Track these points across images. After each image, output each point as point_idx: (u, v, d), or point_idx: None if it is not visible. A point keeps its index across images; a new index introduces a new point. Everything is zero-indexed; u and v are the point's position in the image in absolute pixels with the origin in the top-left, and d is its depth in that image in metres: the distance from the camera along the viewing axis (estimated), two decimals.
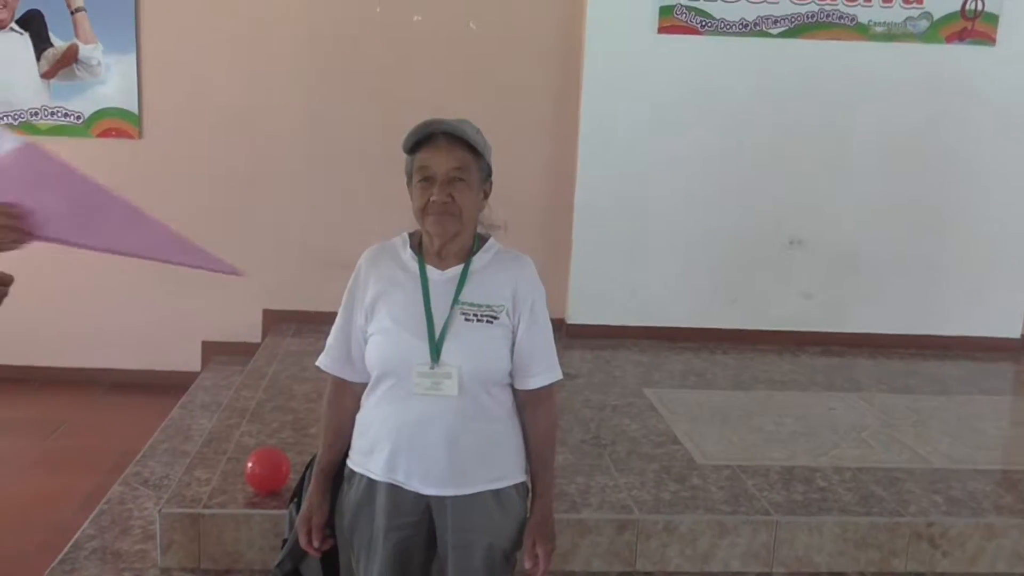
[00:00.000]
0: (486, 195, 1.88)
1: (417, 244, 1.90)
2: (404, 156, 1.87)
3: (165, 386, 4.94)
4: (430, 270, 1.86)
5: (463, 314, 1.82)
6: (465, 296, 1.83)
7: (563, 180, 5.13)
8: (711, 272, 5.23)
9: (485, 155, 1.84)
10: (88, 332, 5.17)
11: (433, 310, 1.81)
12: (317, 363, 1.96)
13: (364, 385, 1.90)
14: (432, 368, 1.79)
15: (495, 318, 1.83)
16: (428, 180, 1.79)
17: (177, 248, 1.62)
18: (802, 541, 2.99)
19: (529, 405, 1.92)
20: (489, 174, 1.87)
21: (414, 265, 1.86)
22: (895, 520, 3.03)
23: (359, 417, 1.94)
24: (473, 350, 1.81)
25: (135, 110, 4.99)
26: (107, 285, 5.14)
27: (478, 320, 1.82)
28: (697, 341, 5.19)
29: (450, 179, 1.78)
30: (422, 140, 1.81)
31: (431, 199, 1.78)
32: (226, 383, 4.61)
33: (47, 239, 1.47)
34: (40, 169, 1.42)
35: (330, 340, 1.94)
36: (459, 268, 1.86)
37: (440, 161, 1.78)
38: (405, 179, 1.87)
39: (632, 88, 5.02)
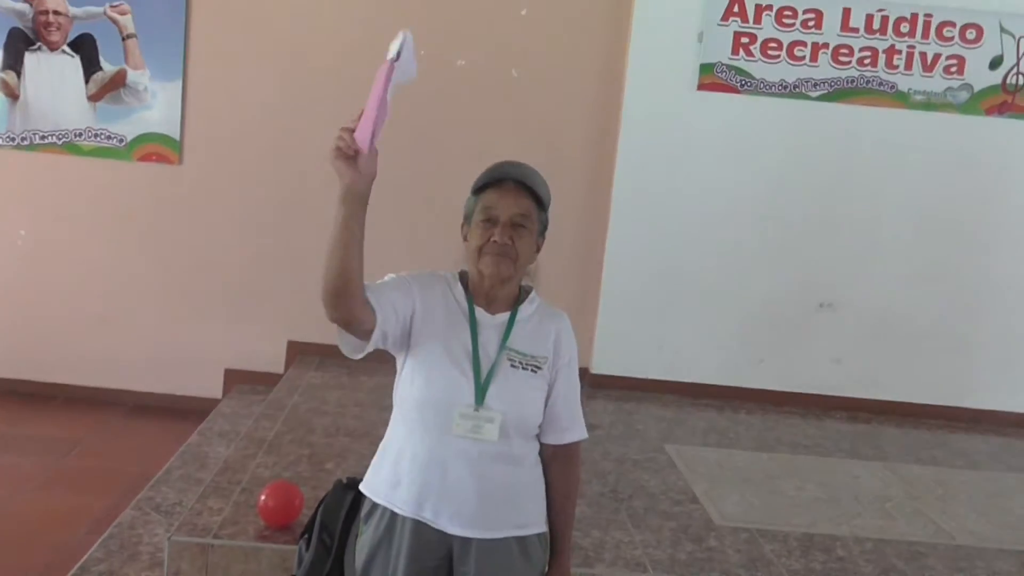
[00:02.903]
0: (538, 249, 1.90)
1: (466, 285, 1.90)
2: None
3: (185, 411, 4.95)
4: (479, 312, 1.86)
5: (509, 360, 1.83)
6: (512, 343, 1.85)
7: (595, 228, 5.13)
8: (739, 330, 5.19)
9: (547, 209, 1.87)
10: (114, 353, 5.20)
11: (480, 352, 1.82)
12: None
13: (370, 318, 1.75)
14: (476, 411, 1.78)
15: (539, 368, 1.85)
16: (490, 221, 1.81)
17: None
18: None
19: (557, 459, 1.92)
20: (544, 229, 1.89)
21: (465, 304, 1.87)
22: None
23: (386, 444, 1.91)
24: (516, 397, 1.82)
25: (177, 136, 5.08)
26: (135, 308, 5.19)
27: (523, 368, 1.84)
28: (722, 399, 5.12)
29: (513, 224, 1.81)
30: (490, 182, 1.83)
31: (492, 239, 1.80)
32: (246, 412, 4.60)
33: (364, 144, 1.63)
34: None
35: (376, 287, 1.81)
36: (507, 315, 1.87)
37: (507, 205, 1.81)
38: (462, 218, 1.89)
39: (669, 143, 5.04)
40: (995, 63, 5.03)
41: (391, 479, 1.86)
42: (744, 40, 4.96)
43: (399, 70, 1.68)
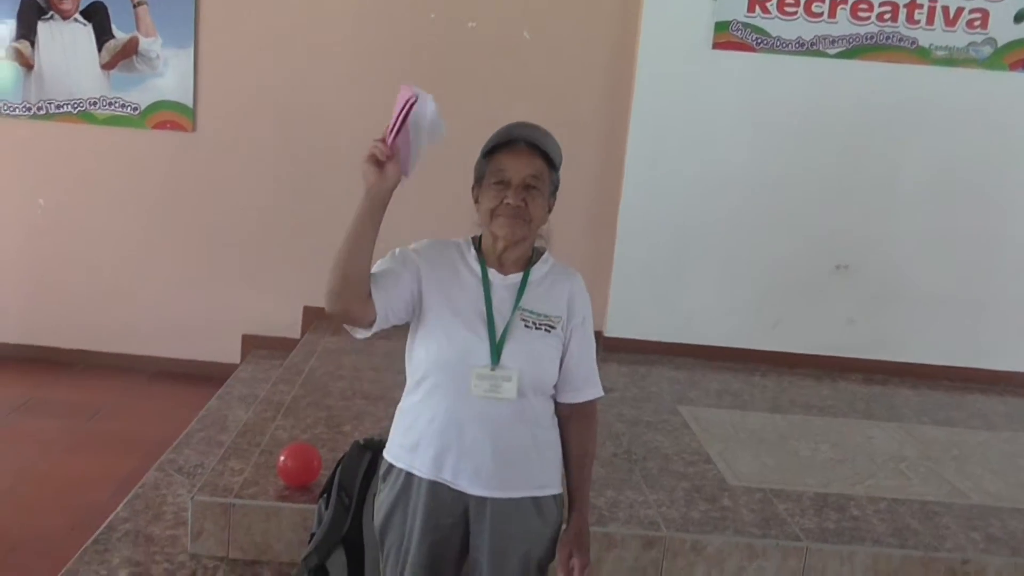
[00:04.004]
0: (550, 209, 1.90)
1: (479, 248, 1.91)
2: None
3: (204, 376, 5.02)
4: (492, 273, 1.88)
5: (523, 320, 1.84)
6: (525, 303, 1.86)
7: (609, 191, 5.11)
8: (754, 292, 5.17)
9: (558, 170, 1.87)
10: (134, 320, 5.27)
11: (494, 313, 1.83)
12: None
13: (371, 313, 1.78)
14: (492, 370, 1.80)
15: (552, 327, 1.86)
16: (503, 183, 1.81)
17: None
18: (832, 570, 2.93)
19: (574, 418, 1.94)
20: (556, 189, 1.90)
21: (477, 267, 1.88)
22: (930, 555, 2.96)
23: (402, 409, 1.93)
24: (532, 355, 1.83)
25: (190, 103, 5.08)
26: (153, 276, 5.25)
27: (536, 328, 1.85)
28: (736, 361, 5.13)
29: (525, 185, 1.81)
30: (501, 144, 1.83)
31: (504, 201, 1.80)
32: (264, 376, 4.66)
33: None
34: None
35: (379, 274, 1.81)
36: (519, 275, 1.88)
37: (520, 167, 1.81)
38: (472, 181, 1.89)
39: (683, 103, 4.99)
40: (1020, 16, 4.93)
41: (409, 443, 1.87)
42: None
43: (418, 128, 1.74)
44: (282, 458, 3.03)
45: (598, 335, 5.00)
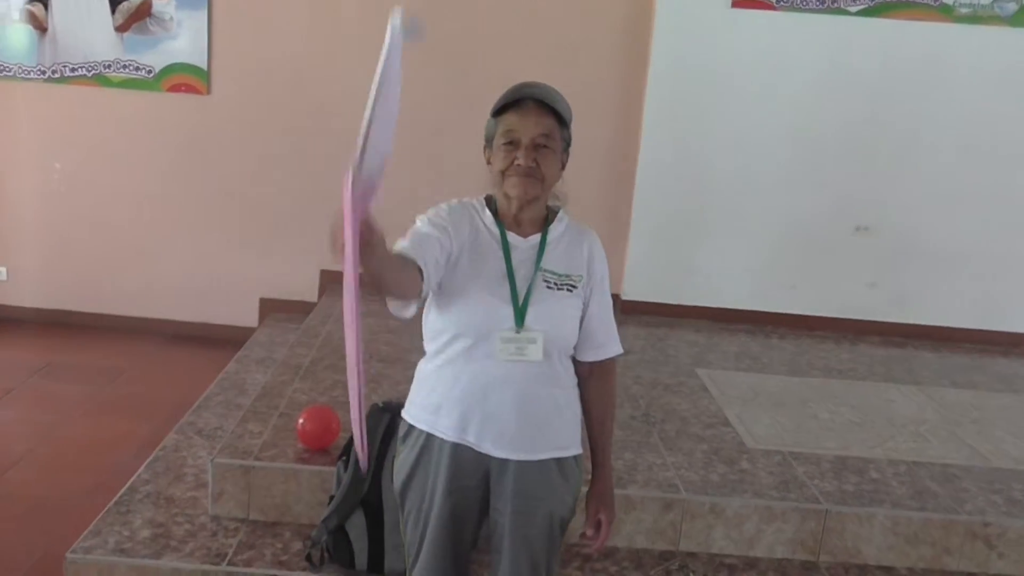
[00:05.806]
0: (563, 165, 1.88)
1: (494, 210, 1.89)
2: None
3: (222, 340, 5.04)
4: (511, 235, 1.86)
5: (544, 281, 1.83)
6: (546, 264, 1.84)
7: (626, 153, 5.06)
8: (772, 254, 5.13)
9: (569, 126, 1.85)
10: (151, 283, 5.29)
11: (516, 275, 1.81)
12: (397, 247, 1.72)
13: (418, 283, 1.69)
14: (517, 333, 1.79)
15: (574, 287, 1.85)
16: (513, 144, 1.79)
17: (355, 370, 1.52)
18: (851, 532, 2.93)
19: (594, 376, 1.94)
20: (568, 145, 1.87)
21: (496, 229, 1.86)
22: (949, 517, 2.95)
23: (423, 371, 1.91)
24: (554, 317, 1.82)
25: (204, 66, 5.05)
26: (170, 239, 5.25)
27: (559, 288, 1.83)
28: (754, 324, 5.10)
29: (536, 145, 1.78)
30: (509, 104, 1.81)
31: (516, 162, 1.78)
32: (281, 340, 4.68)
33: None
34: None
35: (415, 239, 1.75)
36: (538, 236, 1.87)
37: (528, 126, 1.78)
38: (484, 142, 1.87)
39: (702, 63, 4.91)
40: None
41: (431, 405, 1.86)
42: None
43: (395, 53, 1.49)
44: (301, 421, 3.04)
45: (616, 298, 5.00)
